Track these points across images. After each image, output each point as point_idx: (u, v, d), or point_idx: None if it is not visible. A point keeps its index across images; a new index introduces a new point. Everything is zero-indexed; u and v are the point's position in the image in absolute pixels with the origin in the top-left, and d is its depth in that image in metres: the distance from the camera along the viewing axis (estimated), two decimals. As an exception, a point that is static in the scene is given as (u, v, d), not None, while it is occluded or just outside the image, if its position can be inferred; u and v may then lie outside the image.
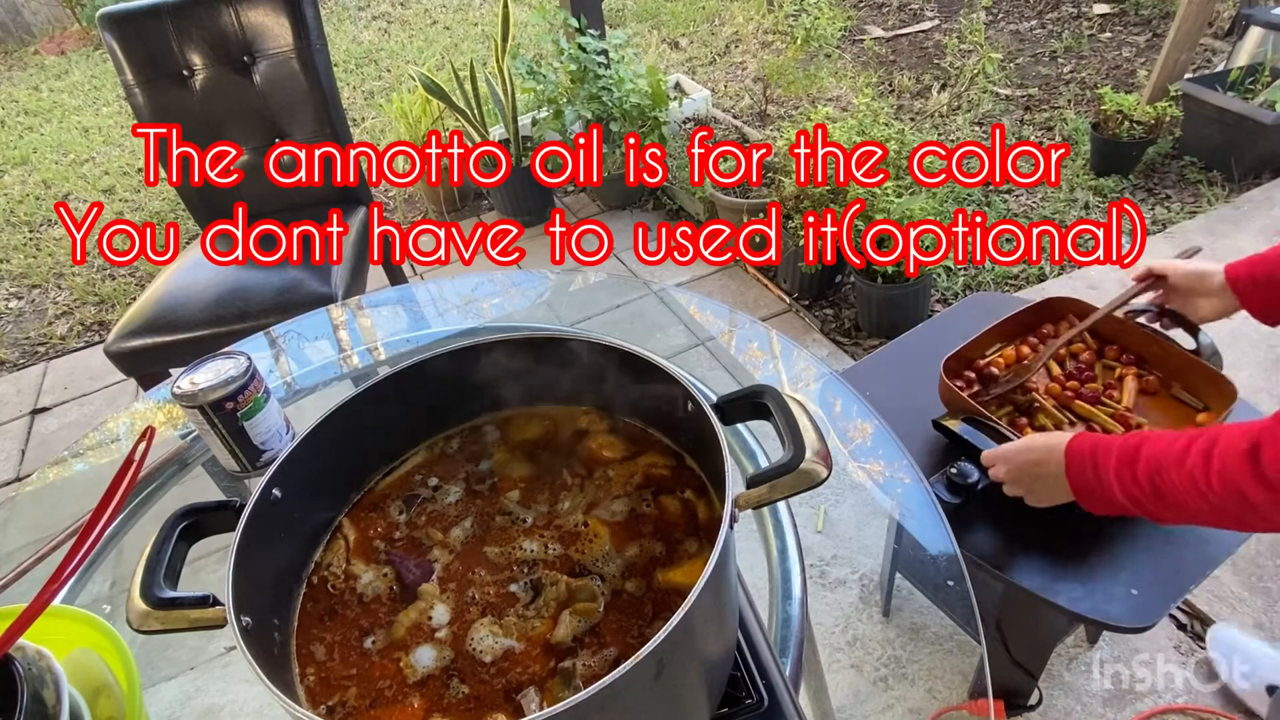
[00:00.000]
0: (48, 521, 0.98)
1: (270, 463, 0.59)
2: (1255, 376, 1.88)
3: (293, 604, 0.61)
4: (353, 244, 1.86)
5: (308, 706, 0.55)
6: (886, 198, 2.01)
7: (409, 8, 5.38)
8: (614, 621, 0.58)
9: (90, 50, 5.49)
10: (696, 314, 1.38)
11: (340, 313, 1.46)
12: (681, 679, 0.52)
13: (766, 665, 0.64)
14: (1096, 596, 0.93)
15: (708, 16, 4.44)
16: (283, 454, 0.59)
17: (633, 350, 0.64)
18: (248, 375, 0.88)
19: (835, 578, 1.22)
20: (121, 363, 1.70)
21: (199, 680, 0.84)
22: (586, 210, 3.03)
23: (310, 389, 1.23)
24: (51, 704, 0.54)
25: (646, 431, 0.71)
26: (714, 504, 0.64)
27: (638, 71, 2.68)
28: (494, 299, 1.40)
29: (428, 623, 0.60)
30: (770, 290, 2.45)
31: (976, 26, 3.09)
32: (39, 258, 3.23)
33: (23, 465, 2.31)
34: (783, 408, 0.56)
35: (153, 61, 1.82)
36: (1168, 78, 2.67)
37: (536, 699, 0.54)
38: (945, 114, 3.14)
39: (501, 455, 0.72)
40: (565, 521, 0.66)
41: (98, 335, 2.79)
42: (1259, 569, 1.50)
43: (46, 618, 0.56)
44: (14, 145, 4.22)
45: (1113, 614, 0.92)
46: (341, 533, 0.67)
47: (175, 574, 0.54)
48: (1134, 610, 0.92)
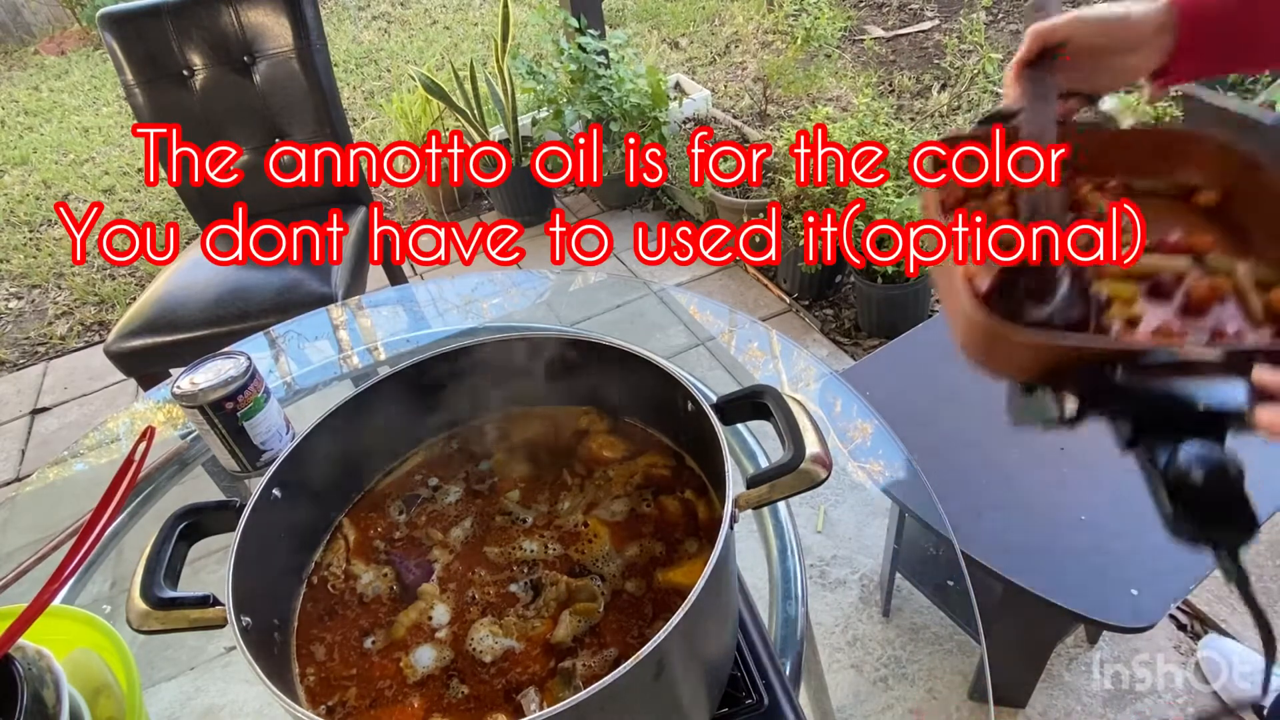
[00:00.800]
0: (48, 521, 0.98)
1: (270, 463, 0.59)
2: (1255, 376, 1.88)
3: (293, 604, 0.61)
4: (353, 244, 1.86)
5: (308, 706, 0.55)
6: (886, 198, 2.01)
7: (409, 8, 5.38)
8: (614, 621, 0.58)
9: (90, 50, 5.49)
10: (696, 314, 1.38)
11: (340, 313, 1.46)
12: (681, 679, 0.52)
13: (766, 665, 0.64)
14: (1096, 596, 0.93)
15: (708, 16, 4.44)
16: (283, 454, 0.59)
17: (633, 350, 0.64)
18: (248, 375, 0.88)
19: (835, 578, 1.22)
20: (121, 363, 1.70)
21: (199, 680, 0.84)
22: (586, 210, 3.03)
23: (310, 389, 1.23)
24: (51, 704, 0.54)
25: (646, 431, 0.71)
26: (714, 504, 0.64)
27: (638, 71, 2.68)
28: (494, 299, 1.40)
29: (428, 623, 0.60)
30: (770, 290, 2.45)
31: (976, 26, 3.09)
32: (39, 258, 3.23)
33: (23, 465, 2.31)
34: (783, 408, 0.56)
35: (153, 61, 1.82)
36: (1168, 78, 2.67)
37: (536, 699, 0.54)
38: (945, 114, 3.14)
39: (501, 455, 0.72)
40: (565, 521, 0.66)
41: (98, 335, 2.78)
42: (1259, 569, 1.50)
43: (46, 618, 0.56)
44: (14, 145, 4.21)
45: (1113, 614, 0.92)
46: (341, 533, 0.67)
47: (175, 574, 0.54)
48: (1134, 610, 0.92)
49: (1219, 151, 0.73)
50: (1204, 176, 0.74)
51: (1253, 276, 0.64)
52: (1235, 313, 0.62)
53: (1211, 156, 0.74)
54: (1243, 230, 0.70)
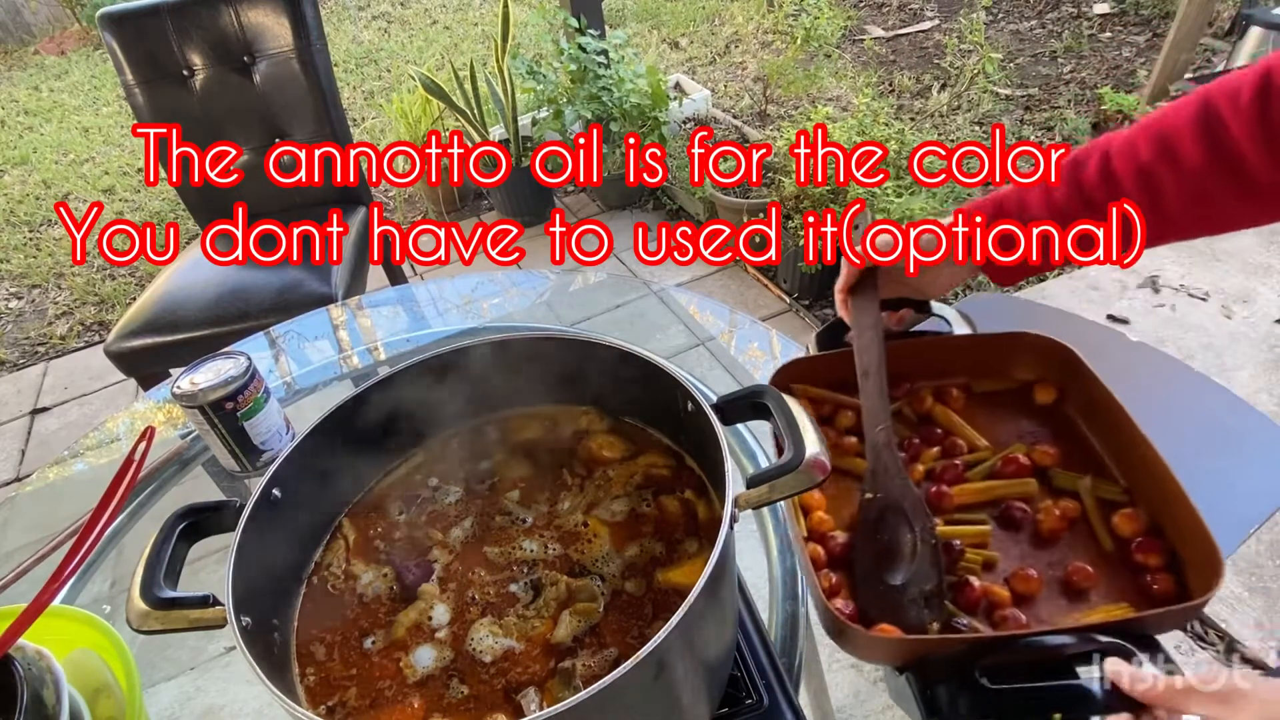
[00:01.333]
0: (48, 521, 0.98)
1: (270, 463, 0.59)
2: (1256, 376, 1.88)
3: (293, 604, 0.61)
4: (353, 244, 1.86)
5: (308, 706, 0.55)
6: (886, 198, 2.01)
7: (409, 8, 5.38)
8: (614, 621, 0.58)
9: (90, 50, 5.49)
10: (696, 314, 1.38)
11: (340, 313, 1.46)
12: (681, 679, 0.52)
13: (766, 665, 0.64)
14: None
15: (708, 16, 4.44)
16: (283, 454, 0.59)
17: (633, 350, 0.64)
18: (248, 375, 0.88)
19: (835, 578, 1.21)
20: (121, 363, 1.70)
21: (199, 680, 0.84)
22: (586, 210, 3.03)
23: (310, 389, 1.23)
24: (51, 704, 0.54)
25: (646, 431, 0.71)
26: (714, 504, 0.64)
27: (638, 71, 2.68)
28: (494, 299, 1.40)
29: (428, 623, 0.60)
30: (770, 290, 2.45)
31: (976, 26, 3.09)
32: (39, 258, 3.23)
33: (23, 465, 2.31)
34: (782, 408, 0.56)
35: (153, 61, 1.82)
36: (1168, 78, 2.67)
37: (536, 699, 0.54)
38: (945, 114, 3.14)
39: (501, 455, 0.72)
40: (565, 521, 0.66)
41: (98, 335, 2.78)
42: (1259, 569, 1.50)
43: (46, 618, 0.56)
44: (14, 145, 4.21)
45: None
46: (341, 533, 0.67)
47: (175, 574, 0.54)
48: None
49: (1045, 348, 0.78)
50: (1035, 374, 0.79)
51: (1094, 495, 0.68)
52: (1085, 541, 0.66)
53: (1039, 354, 0.78)
54: (1081, 433, 0.75)
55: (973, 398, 0.80)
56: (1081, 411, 0.75)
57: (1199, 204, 0.62)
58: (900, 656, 0.60)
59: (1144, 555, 0.63)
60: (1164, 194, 0.62)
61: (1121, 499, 0.68)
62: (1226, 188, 0.60)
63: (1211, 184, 0.60)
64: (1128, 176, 0.63)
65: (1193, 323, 2.06)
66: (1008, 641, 0.55)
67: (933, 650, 0.58)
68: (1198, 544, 0.59)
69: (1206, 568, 0.58)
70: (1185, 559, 0.62)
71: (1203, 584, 0.58)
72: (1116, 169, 0.64)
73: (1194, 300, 2.11)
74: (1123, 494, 0.68)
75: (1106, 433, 0.72)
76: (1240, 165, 0.58)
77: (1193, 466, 0.96)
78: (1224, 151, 0.59)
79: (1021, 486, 0.70)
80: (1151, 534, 0.65)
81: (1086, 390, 0.73)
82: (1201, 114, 0.60)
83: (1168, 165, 0.61)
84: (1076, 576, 0.63)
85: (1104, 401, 0.71)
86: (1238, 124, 0.57)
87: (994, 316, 1.15)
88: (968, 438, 0.76)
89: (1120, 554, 0.65)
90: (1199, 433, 1.00)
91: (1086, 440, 0.74)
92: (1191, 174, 0.60)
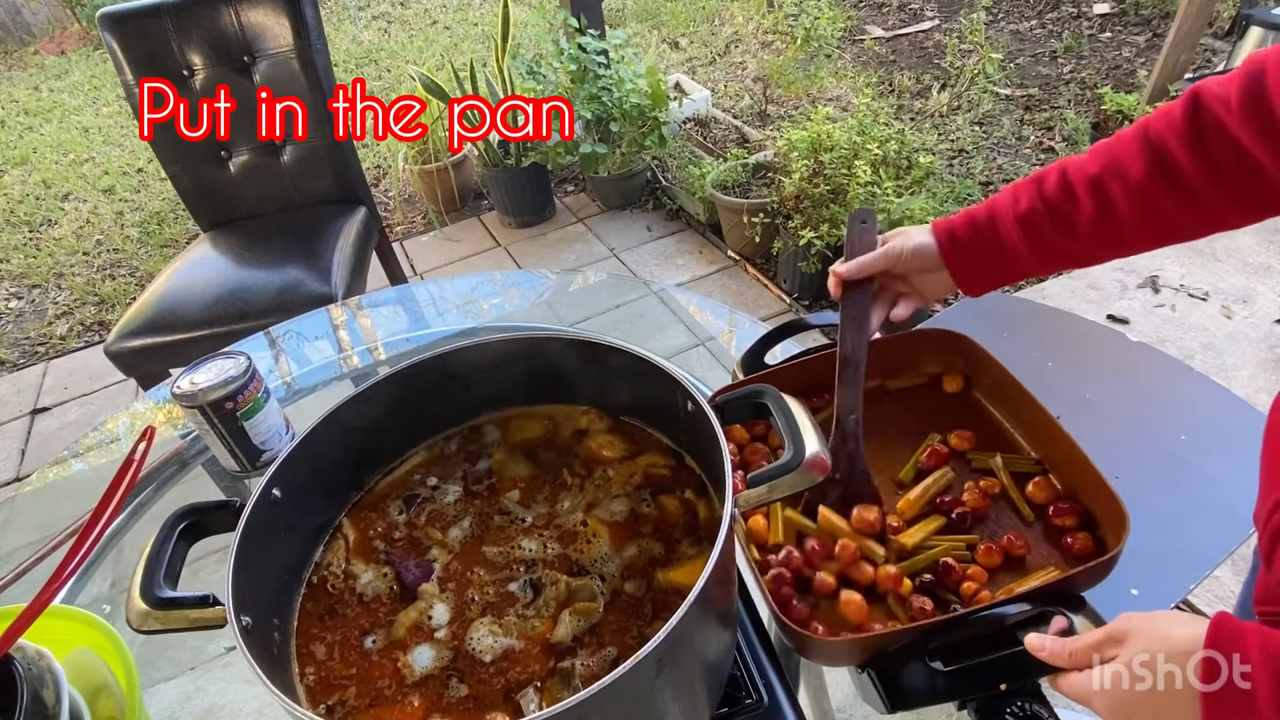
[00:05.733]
0: (48, 521, 0.98)
1: (270, 463, 0.59)
2: (1256, 376, 1.88)
3: (293, 604, 0.61)
4: (353, 244, 1.86)
5: (308, 706, 0.55)
6: (886, 198, 2.01)
7: (409, 8, 5.38)
8: (614, 621, 0.58)
9: (90, 50, 5.49)
10: (696, 314, 1.38)
11: (340, 313, 1.46)
12: (681, 679, 0.52)
13: (766, 665, 0.64)
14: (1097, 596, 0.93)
15: (708, 16, 4.44)
16: (283, 454, 0.59)
17: (632, 350, 0.64)
18: (248, 375, 0.88)
19: (835, 578, 1.21)
20: (121, 363, 1.70)
21: (199, 680, 0.84)
22: (586, 210, 3.03)
23: (310, 389, 1.23)
24: (51, 704, 0.54)
25: (646, 431, 0.71)
26: (714, 504, 0.64)
27: (638, 71, 2.68)
28: (494, 299, 1.40)
29: (427, 623, 0.60)
30: (770, 290, 2.45)
31: (976, 26, 3.09)
32: (39, 258, 3.23)
33: (23, 465, 2.31)
34: (782, 408, 0.56)
35: (153, 61, 1.82)
36: (1168, 78, 2.67)
37: (536, 699, 0.54)
38: (945, 114, 3.14)
39: (501, 455, 0.72)
40: (565, 521, 0.66)
41: (98, 335, 2.79)
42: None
43: (46, 618, 0.56)
44: (14, 145, 4.21)
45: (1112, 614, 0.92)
46: (341, 533, 0.67)
47: (175, 574, 0.54)
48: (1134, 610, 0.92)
49: (947, 340, 0.84)
50: (941, 366, 0.86)
51: (1006, 470, 0.74)
52: (1009, 514, 0.72)
53: (942, 347, 0.85)
54: (990, 414, 0.81)
55: (889, 395, 0.87)
56: (987, 394, 0.82)
57: (1146, 212, 0.67)
58: (858, 655, 0.63)
59: (1060, 518, 0.69)
60: (1114, 202, 0.68)
61: (1034, 469, 0.74)
62: (1170, 198, 0.65)
63: (1155, 194, 0.66)
64: (1080, 185, 0.69)
65: (1193, 323, 2.05)
66: (951, 623, 0.60)
67: (887, 643, 0.61)
68: (1105, 501, 0.65)
69: (1115, 521, 0.64)
70: (1098, 517, 0.68)
71: (1115, 537, 0.64)
72: (1072, 179, 0.70)
73: (1194, 300, 2.11)
74: (1034, 465, 0.74)
75: (1012, 411, 0.78)
76: (1178, 176, 0.64)
77: (1193, 467, 0.96)
78: (1165, 164, 0.65)
79: (943, 477, 0.75)
80: (1067, 498, 0.71)
81: (989, 374, 0.80)
82: (1142, 131, 0.67)
83: (1114, 177, 0.67)
84: (1008, 546, 0.68)
85: (1005, 382, 0.77)
86: (1173, 138, 0.64)
87: (994, 316, 1.15)
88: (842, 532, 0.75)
89: (1041, 521, 0.71)
90: (1199, 433, 1.00)
91: (996, 420, 0.80)
92: (1137, 185, 0.66)
